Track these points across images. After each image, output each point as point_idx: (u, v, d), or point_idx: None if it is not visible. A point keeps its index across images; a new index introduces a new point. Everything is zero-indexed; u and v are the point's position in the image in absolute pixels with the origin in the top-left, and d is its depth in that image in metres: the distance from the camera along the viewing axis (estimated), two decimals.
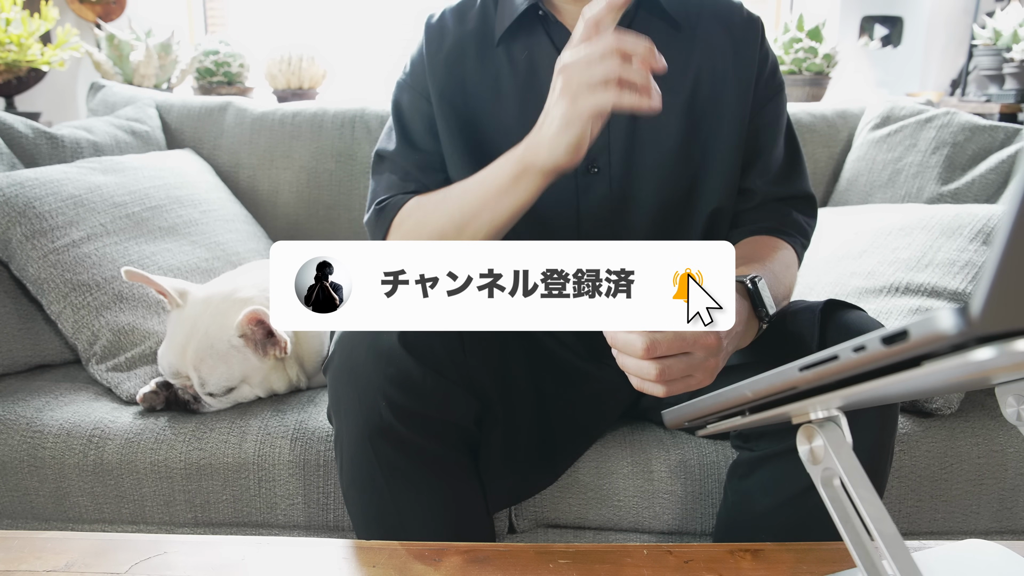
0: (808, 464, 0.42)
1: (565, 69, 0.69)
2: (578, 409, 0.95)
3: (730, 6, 0.95)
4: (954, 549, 0.62)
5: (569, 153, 0.71)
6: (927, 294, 1.09)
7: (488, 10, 0.94)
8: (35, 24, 1.84)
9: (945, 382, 0.34)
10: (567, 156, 0.72)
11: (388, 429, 0.74)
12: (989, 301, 0.23)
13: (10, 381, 1.16)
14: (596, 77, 0.67)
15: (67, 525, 1.05)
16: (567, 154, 0.71)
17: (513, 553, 0.64)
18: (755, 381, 0.38)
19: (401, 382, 0.73)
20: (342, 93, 2.55)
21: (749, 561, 0.63)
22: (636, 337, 0.62)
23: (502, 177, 0.78)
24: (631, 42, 0.67)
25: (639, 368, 0.63)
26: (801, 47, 2.12)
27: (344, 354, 0.76)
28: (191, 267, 1.27)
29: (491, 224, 0.81)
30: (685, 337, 0.62)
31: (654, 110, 0.68)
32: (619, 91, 0.67)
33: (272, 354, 1.07)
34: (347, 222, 1.58)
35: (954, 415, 1.05)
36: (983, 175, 1.42)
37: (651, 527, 1.00)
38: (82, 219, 1.20)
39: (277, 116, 1.61)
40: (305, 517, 1.02)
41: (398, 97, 0.97)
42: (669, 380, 0.63)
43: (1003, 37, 2.22)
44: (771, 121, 0.95)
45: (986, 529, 1.04)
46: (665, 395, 0.64)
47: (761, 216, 0.95)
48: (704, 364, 0.64)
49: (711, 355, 0.64)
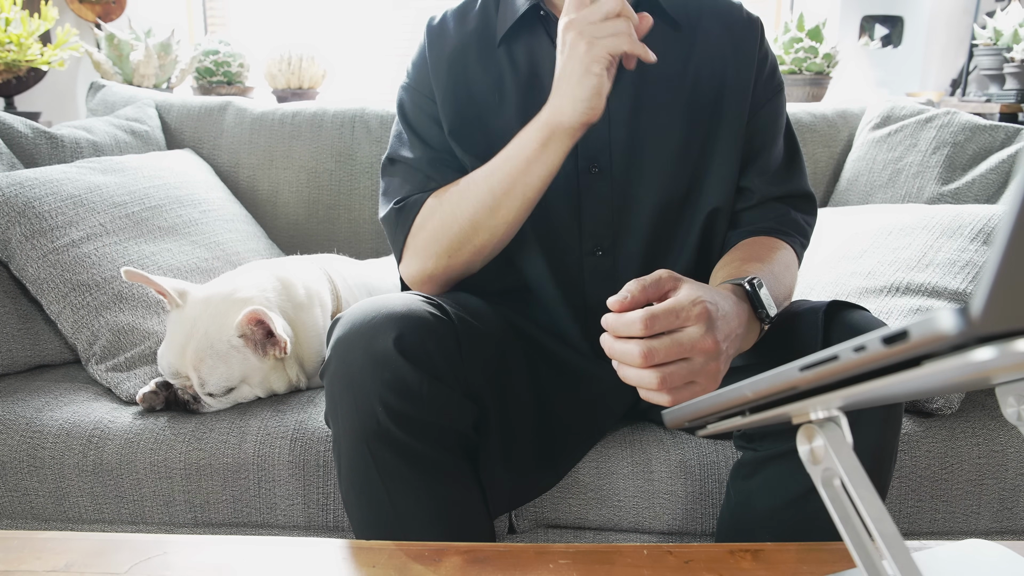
0: (808, 464, 0.42)
1: (574, 23, 0.76)
2: (580, 410, 0.95)
3: (730, 6, 0.95)
4: (954, 549, 0.61)
5: (591, 101, 0.76)
6: (927, 294, 1.09)
7: (489, 11, 0.94)
8: (35, 24, 1.84)
9: (945, 382, 0.34)
10: (590, 104, 0.76)
11: (385, 434, 0.74)
12: (990, 301, 0.23)
13: (10, 381, 1.16)
14: (608, 29, 0.74)
15: (67, 525, 1.05)
16: (590, 102, 0.76)
17: (513, 553, 0.64)
18: (755, 381, 0.38)
19: (397, 387, 0.73)
20: (342, 93, 2.55)
21: (749, 561, 0.63)
22: (633, 346, 0.62)
23: (530, 146, 0.81)
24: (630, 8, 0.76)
25: (640, 378, 0.63)
26: (801, 47, 2.12)
27: (341, 359, 0.76)
28: (191, 267, 1.27)
29: (524, 198, 0.84)
30: (682, 342, 0.62)
31: (651, 60, 0.76)
32: (630, 39, 0.74)
33: (272, 354, 1.06)
34: (347, 222, 1.58)
35: (954, 415, 1.05)
36: (983, 175, 1.42)
37: (651, 527, 1.00)
38: (82, 219, 1.20)
39: (277, 116, 1.61)
40: (305, 517, 1.02)
41: (402, 100, 0.97)
42: (672, 388, 0.63)
43: (1003, 37, 2.22)
44: (770, 121, 0.95)
45: (986, 529, 1.04)
46: (671, 404, 0.63)
47: (760, 216, 0.95)
48: (705, 369, 0.64)
49: (711, 359, 0.64)
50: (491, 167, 0.85)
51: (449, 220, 0.87)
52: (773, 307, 0.75)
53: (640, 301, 0.64)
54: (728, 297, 0.70)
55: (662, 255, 0.94)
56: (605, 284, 0.93)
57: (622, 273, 0.92)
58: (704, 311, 0.63)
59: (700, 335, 0.63)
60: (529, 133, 0.81)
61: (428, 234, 0.89)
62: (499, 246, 0.89)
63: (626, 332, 0.62)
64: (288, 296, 1.13)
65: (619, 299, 0.64)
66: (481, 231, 0.86)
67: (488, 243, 0.88)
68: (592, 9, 0.75)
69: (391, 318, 0.75)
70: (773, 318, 0.75)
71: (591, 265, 0.94)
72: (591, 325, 0.96)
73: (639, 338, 0.62)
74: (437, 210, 0.88)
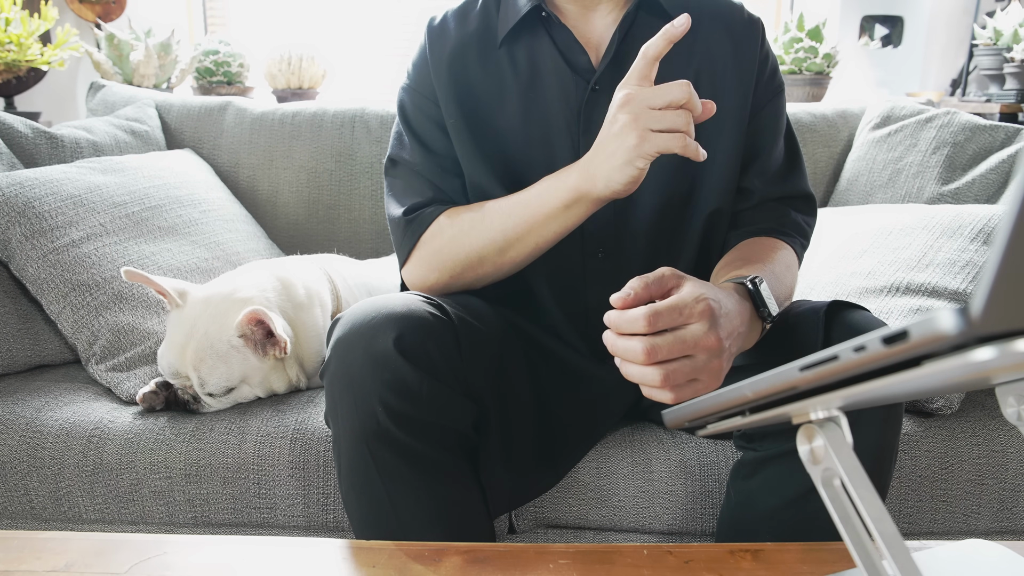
0: (808, 464, 0.42)
1: (632, 102, 0.71)
2: (580, 410, 0.95)
3: (731, 7, 0.95)
4: (954, 549, 0.61)
5: (627, 186, 0.74)
6: (927, 294, 1.09)
7: (490, 12, 0.94)
8: (35, 24, 1.84)
9: (945, 382, 0.34)
10: (625, 188, 0.75)
11: (385, 434, 0.74)
12: (990, 301, 0.23)
13: (10, 381, 1.16)
14: (666, 122, 0.70)
15: (67, 525, 1.05)
16: (625, 187, 0.74)
17: (513, 553, 0.64)
18: (755, 381, 0.38)
19: (397, 387, 0.73)
20: (342, 93, 2.55)
21: (749, 561, 0.63)
22: (636, 342, 0.62)
23: (552, 203, 0.81)
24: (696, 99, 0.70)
25: (643, 375, 0.63)
26: (801, 47, 2.12)
27: (340, 360, 0.76)
28: (191, 267, 1.27)
29: (535, 246, 0.84)
30: (685, 339, 0.62)
31: (700, 159, 0.72)
32: (683, 139, 0.70)
33: (272, 354, 1.06)
34: (347, 222, 1.58)
35: (954, 415, 1.05)
36: (983, 175, 1.42)
37: (651, 527, 1.00)
38: (82, 219, 1.20)
39: (277, 116, 1.61)
40: (305, 517, 1.02)
41: (403, 102, 0.97)
42: (675, 385, 0.63)
43: (1003, 37, 2.22)
44: (771, 122, 0.95)
45: (986, 529, 1.04)
46: (674, 402, 0.63)
47: (760, 216, 0.95)
48: (708, 367, 0.64)
49: (713, 357, 0.64)
50: (509, 207, 0.84)
51: (457, 246, 0.87)
52: (775, 306, 0.75)
53: (643, 298, 0.64)
54: (731, 295, 0.70)
55: (663, 256, 0.94)
56: (606, 286, 0.93)
57: (623, 275, 0.92)
58: (707, 308, 0.63)
59: (703, 332, 0.63)
60: (555, 190, 0.80)
61: (434, 251, 0.89)
62: (502, 277, 0.90)
63: (629, 329, 0.62)
64: (288, 296, 1.13)
65: (622, 296, 0.64)
66: (487, 264, 0.87)
67: (491, 275, 0.89)
68: (655, 93, 0.70)
69: (391, 318, 0.75)
70: (775, 317, 0.75)
71: (592, 267, 0.94)
72: (592, 326, 0.95)
73: (642, 335, 0.62)
74: (447, 231, 0.88)
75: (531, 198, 0.83)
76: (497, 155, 0.92)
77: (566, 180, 0.79)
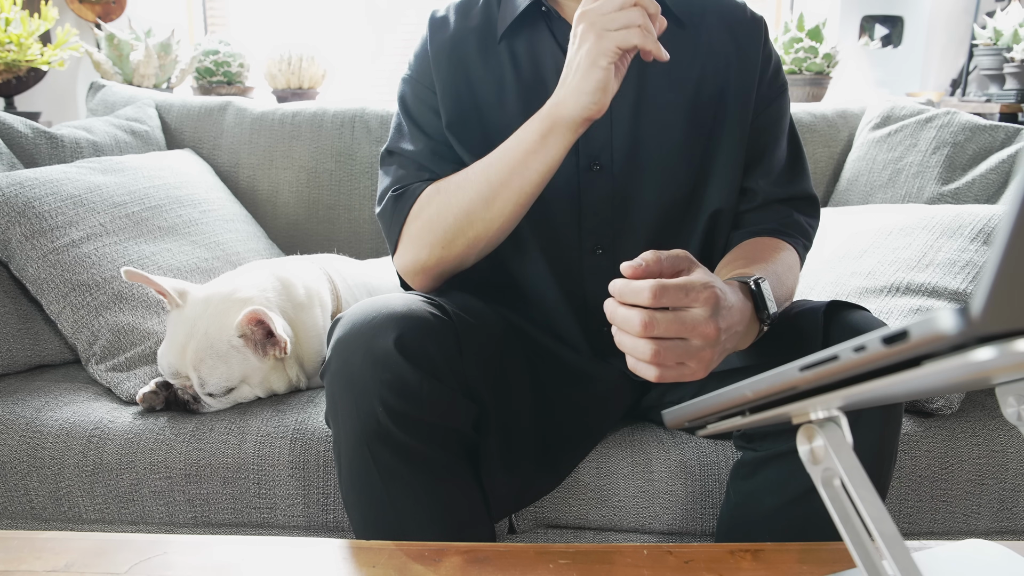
0: (808, 464, 0.42)
1: (587, 14, 0.74)
2: (580, 411, 0.95)
3: (734, 6, 0.95)
4: (954, 549, 0.61)
5: (596, 95, 0.74)
6: (927, 294, 1.09)
7: (491, 6, 0.95)
8: (35, 24, 1.84)
9: (945, 382, 0.34)
10: (594, 99, 0.74)
11: (385, 434, 0.74)
12: (990, 301, 0.23)
13: (10, 381, 1.16)
14: (620, 20, 0.72)
15: (67, 525, 1.05)
16: (594, 96, 0.74)
17: (513, 553, 0.64)
18: (755, 381, 0.38)
19: (398, 387, 0.73)
20: (342, 93, 2.55)
21: (749, 561, 0.63)
22: (635, 314, 0.61)
23: (529, 138, 0.80)
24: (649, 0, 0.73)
25: (635, 347, 0.63)
26: (801, 47, 2.12)
27: (341, 359, 0.76)
28: (191, 267, 1.27)
29: (521, 191, 0.82)
30: (684, 321, 0.62)
31: (664, 59, 0.73)
32: (642, 32, 0.71)
33: (272, 354, 1.07)
34: (347, 222, 1.58)
35: (954, 415, 1.05)
36: (983, 175, 1.42)
37: (651, 527, 1.00)
38: (82, 219, 1.20)
39: (277, 116, 1.61)
40: (305, 517, 1.02)
41: (403, 92, 0.97)
42: (663, 364, 0.62)
43: (1003, 37, 2.22)
44: (774, 122, 0.95)
45: (986, 529, 1.04)
46: (657, 379, 0.63)
47: (763, 217, 0.95)
48: (700, 354, 0.64)
49: (708, 345, 0.64)
50: (490, 158, 0.84)
51: (444, 210, 0.86)
52: (775, 308, 0.75)
53: (654, 272, 0.63)
54: (736, 291, 0.70)
55: None
56: (605, 283, 0.92)
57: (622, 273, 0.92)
58: (713, 295, 0.63)
59: (704, 318, 0.63)
60: (530, 125, 0.81)
61: (423, 223, 0.88)
62: (494, 240, 0.88)
63: (632, 299, 0.62)
64: (288, 296, 1.13)
65: (633, 265, 0.63)
66: (476, 223, 0.85)
67: (482, 236, 0.86)
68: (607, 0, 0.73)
69: (391, 318, 0.75)
70: (773, 320, 0.75)
71: (591, 264, 0.94)
72: (591, 324, 0.95)
73: (643, 308, 0.62)
74: (434, 199, 0.88)
75: (509, 142, 0.83)
76: None
77: (539, 112, 0.80)
